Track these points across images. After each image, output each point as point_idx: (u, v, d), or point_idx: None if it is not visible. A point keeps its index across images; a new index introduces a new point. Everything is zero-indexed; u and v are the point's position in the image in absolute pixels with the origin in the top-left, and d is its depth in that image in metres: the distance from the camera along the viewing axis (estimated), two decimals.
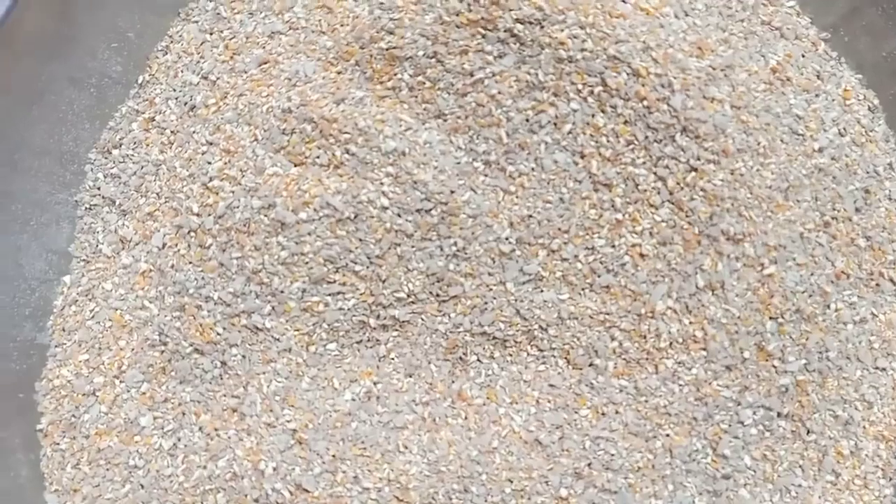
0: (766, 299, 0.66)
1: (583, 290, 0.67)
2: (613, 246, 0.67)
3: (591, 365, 0.68)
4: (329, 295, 0.67)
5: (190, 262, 0.68)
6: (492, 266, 0.67)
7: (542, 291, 0.67)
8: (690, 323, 0.66)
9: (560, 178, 0.67)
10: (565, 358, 0.68)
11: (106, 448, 0.68)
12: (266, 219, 0.66)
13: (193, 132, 0.71)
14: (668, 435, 0.67)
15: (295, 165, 0.67)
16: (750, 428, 0.67)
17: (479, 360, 0.69)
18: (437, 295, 0.68)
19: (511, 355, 0.69)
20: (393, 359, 0.69)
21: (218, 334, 0.67)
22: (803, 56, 0.74)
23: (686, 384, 0.67)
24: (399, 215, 0.66)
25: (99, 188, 0.74)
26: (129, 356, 0.70)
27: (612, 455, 0.66)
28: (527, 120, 0.67)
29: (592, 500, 0.66)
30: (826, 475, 0.68)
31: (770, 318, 0.66)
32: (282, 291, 0.67)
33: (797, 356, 0.67)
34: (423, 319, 0.68)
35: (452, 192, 0.66)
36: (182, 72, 0.74)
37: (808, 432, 0.68)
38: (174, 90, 0.74)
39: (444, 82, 0.67)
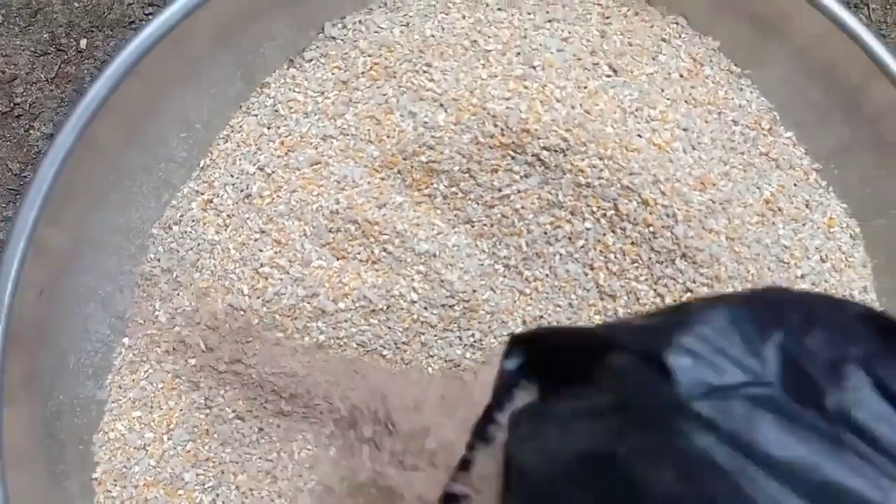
0: None
1: None
2: None
3: None
4: None
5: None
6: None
7: None
8: None
9: (570, 286, 0.72)
10: None
11: (152, 499, 0.72)
12: (309, 306, 0.71)
13: (247, 218, 0.73)
14: None
15: (337, 259, 0.71)
16: None
17: None
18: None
19: None
20: None
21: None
22: (795, 185, 0.76)
23: None
24: (426, 308, 0.71)
25: (159, 260, 0.76)
26: (177, 416, 0.73)
27: None
28: (545, 233, 0.71)
29: None
30: None
31: None
32: None
33: None
34: None
35: (474, 290, 0.71)
36: (240, 160, 0.76)
37: None
38: (232, 176, 0.75)
39: (474, 194, 0.71)
